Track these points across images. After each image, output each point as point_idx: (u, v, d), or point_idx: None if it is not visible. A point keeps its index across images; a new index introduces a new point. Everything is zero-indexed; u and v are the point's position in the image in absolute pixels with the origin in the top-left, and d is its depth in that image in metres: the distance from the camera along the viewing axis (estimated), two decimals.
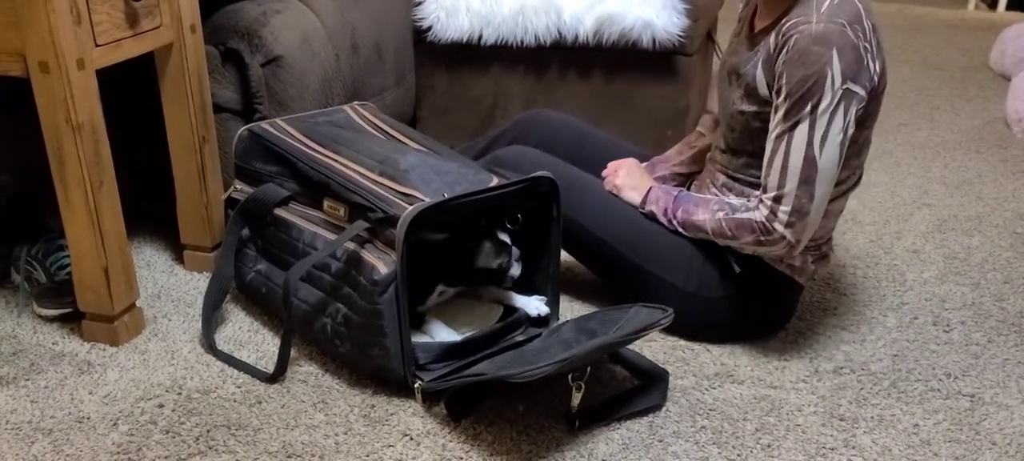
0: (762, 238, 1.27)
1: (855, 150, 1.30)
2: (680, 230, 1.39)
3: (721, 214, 1.32)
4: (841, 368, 1.38)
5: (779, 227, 1.25)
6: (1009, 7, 4.22)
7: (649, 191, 1.44)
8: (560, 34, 2.05)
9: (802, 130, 1.20)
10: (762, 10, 1.33)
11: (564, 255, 1.48)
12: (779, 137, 1.23)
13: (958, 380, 1.35)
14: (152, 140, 1.61)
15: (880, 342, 1.46)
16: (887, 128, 2.50)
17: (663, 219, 1.41)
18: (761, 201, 1.27)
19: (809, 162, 1.21)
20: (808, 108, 1.19)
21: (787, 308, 1.48)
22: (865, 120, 1.27)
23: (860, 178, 1.39)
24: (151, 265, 1.69)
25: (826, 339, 1.47)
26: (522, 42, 2.07)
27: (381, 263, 1.25)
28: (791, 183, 1.23)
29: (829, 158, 1.22)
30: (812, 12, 1.20)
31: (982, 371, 1.38)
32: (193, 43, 1.47)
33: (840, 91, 1.18)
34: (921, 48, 3.44)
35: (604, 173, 1.52)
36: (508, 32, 2.07)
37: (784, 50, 1.20)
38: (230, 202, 1.54)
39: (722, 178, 1.40)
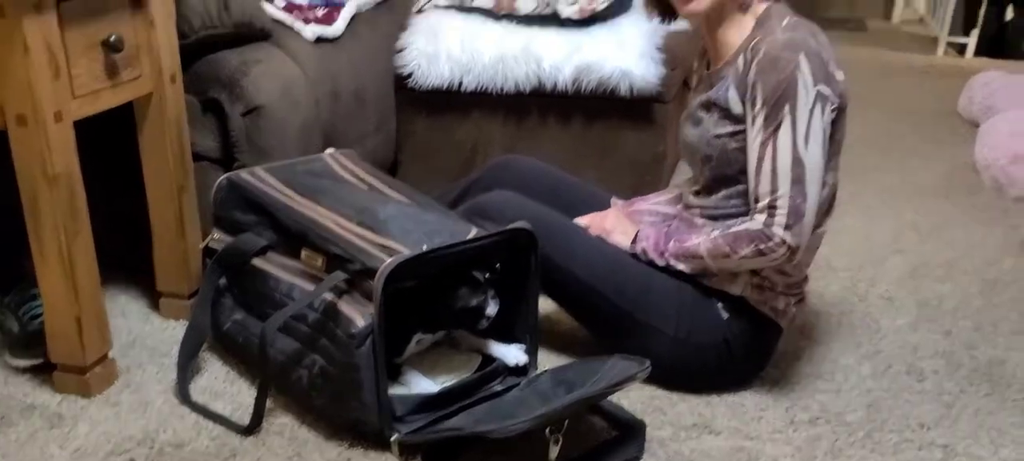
0: (761, 246, 1.28)
1: (828, 163, 1.33)
2: (673, 262, 1.39)
3: (716, 233, 1.33)
4: (817, 418, 1.39)
5: (778, 231, 1.26)
6: (977, 53, 4.32)
7: (639, 231, 1.46)
8: (540, 82, 2.08)
9: (785, 131, 1.24)
10: (716, 53, 1.38)
11: (543, 304, 1.48)
12: (763, 144, 1.26)
13: (931, 430, 1.37)
14: (130, 186, 1.60)
15: (855, 391, 1.47)
16: (860, 172, 2.54)
17: (654, 254, 1.41)
18: (755, 211, 1.29)
19: (797, 161, 1.24)
20: (786, 109, 1.23)
21: (767, 352, 1.49)
22: (833, 132, 1.31)
23: (833, 206, 1.40)
24: (126, 313, 1.67)
25: (802, 388, 1.48)
26: (502, 89, 2.10)
27: (358, 315, 1.25)
28: (784, 185, 1.25)
29: (814, 155, 1.25)
30: (775, 27, 1.28)
31: (955, 421, 1.39)
32: (173, 93, 1.47)
33: (814, 92, 1.24)
34: (892, 93, 3.50)
35: (584, 222, 1.53)
36: (488, 80, 2.09)
37: (754, 62, 1.26)
38: (208, 251, 1.53)
39: (701, 221, 1.42)
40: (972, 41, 4.31)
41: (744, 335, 1.40)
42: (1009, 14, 4.46)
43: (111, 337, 1.44)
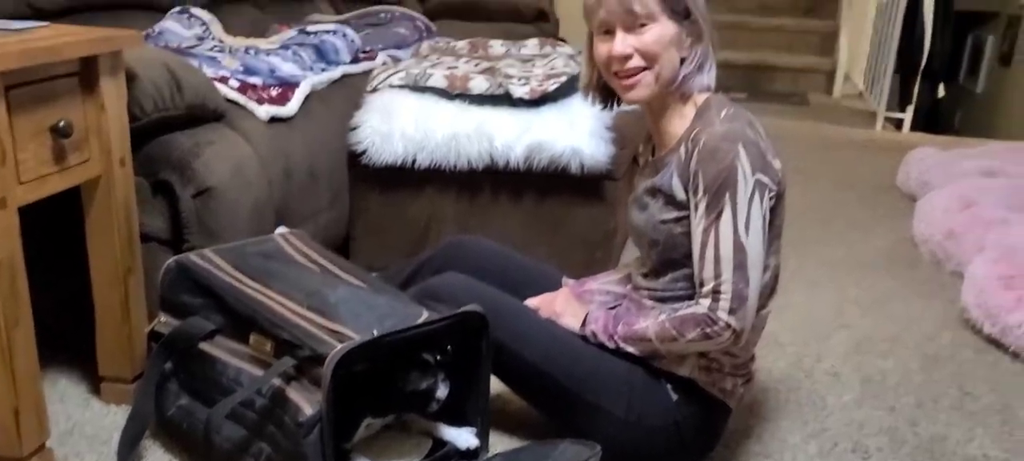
0: (707, 329, 1.30)
1: (768, 248, 1.36)
2: (622, 345, 1.41)
3: (663, 317, 1.35)
4: None
5: (722, 315, 1.28)
6: (913, 128, 4.52)
7: (587, 314, 1.47)
8: (492, 159, 2.11)
9: (726, 219, 1.27)
10: (660, 140, 1.43)
11: (495, 385, 1.48)
12: (706, 230, 1.29)
13: None
14: (75, 265, 1.58)
15: None
16: (804, 245, 2.61)
17: (603, 337, 1.43)
18: (701, 296, 1.31)
19: (739, 247, 1.27)
20: (726, 197, 1.27)
21: (717, 433, 1.51)
22: (773, 218, 1.35)
23: (776, 287, 1.44)
24: (65, 398, 1.62)
25: None
26: (455, 166, 2.12)
27: (306, 403, 1.24)
28: (726, 271, 1.28)
29: (755, 243, 1.28)
30: (714, 118, 1.32)
31: None
32: (122, 175, 1.46)
33: (752, 180, 1.27)
34: (834, 167, 3.63)
35: (534, 304, 1.54)
36: (441, 157, 2.12)
37: (695, 152, 1.30)
38: (154, 335, 1.50)
39: (649, 303, 1.44)
40: (908, 117, 4.51)
41: (694, 417, 1.41)
42: (941, 92, 4.68)
43: (49, 425, 1.39)
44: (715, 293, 1.29)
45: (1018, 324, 1.95)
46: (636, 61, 1.33)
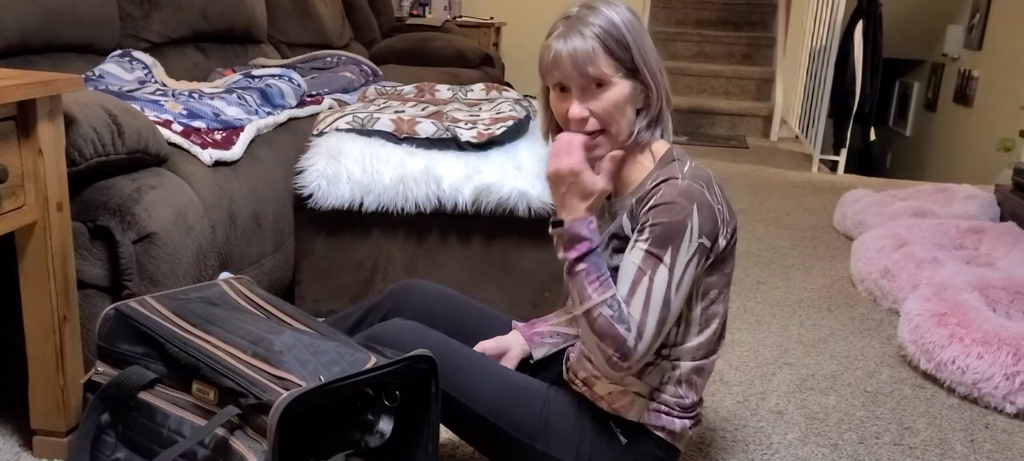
0: (617, 358, 1.26)
1: (717, 296, 1.38)
2: (566, 271, 1.33)
3: (608, 311, 1.27)
4: None
5: (633, 358, 1.26)
6: (847, 169, 4.68)
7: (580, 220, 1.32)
8: (440, 202, 2.12)
9: (663, 273, 1.27)
10: (617, 187, 1.42)
11: (445, 432, 1.47)
12: (641, 269, 1.28)
13: None
14: (8, 314, 1.52)
15: None
16: (747, 287, 2.66)
17: (570, 252, 1.31)
18: (627, 327, 1.28)
19: (666, 304, 1.27)
20: (669, 249, 1.27)
21: None
22: (723, 267, 1.36)
23: (723, 333, 1.46)
24: None
25: None
26: (403, 209, 2.12)
27: (251, 453, 1.20)
28: (651, 320, 1.27)
29: (677, 305, 1.29)
30: (677, 171, 1.32)
31: None
32: (59, 221, 1.42)
33: (696, 243, 1.28)
34: (773, 208, 3.73)
35: (485, 348, 1.54)
36: (389, 200, 2.11)
37: (651, 198, 1.30)
38: (90, 386, 1.45)
39: None
40: (842, 159, 4.67)
41: (644, 459, 1.42)
42: (873, 135, 4.87)
43: None
44: (639, 330, 1.27)
45: (952, 360, 2.02)
46: (592, 124, 1.34)
